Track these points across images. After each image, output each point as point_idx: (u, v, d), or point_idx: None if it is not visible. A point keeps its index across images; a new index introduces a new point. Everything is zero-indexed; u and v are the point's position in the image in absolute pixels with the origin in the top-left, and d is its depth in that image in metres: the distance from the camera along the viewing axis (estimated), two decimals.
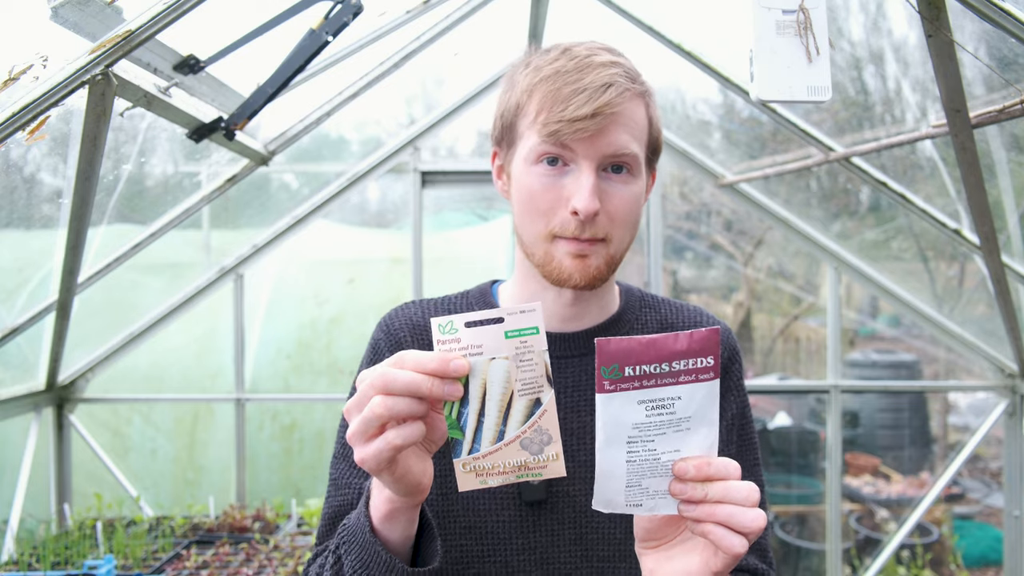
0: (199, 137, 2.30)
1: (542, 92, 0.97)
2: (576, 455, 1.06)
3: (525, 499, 1.05)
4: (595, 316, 1.11)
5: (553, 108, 0.95)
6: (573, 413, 1.07)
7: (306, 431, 4.05)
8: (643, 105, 1.01)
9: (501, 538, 1.05)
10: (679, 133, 3.60)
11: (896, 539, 3.63)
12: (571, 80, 0.96)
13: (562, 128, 0.95)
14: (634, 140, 0.99)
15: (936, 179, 3.08)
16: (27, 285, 2.88)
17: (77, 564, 2.55)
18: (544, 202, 0.99)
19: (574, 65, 0.97)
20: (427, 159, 3.54)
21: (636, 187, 1.01)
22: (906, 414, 5.14)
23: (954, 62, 1.68)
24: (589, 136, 0.95)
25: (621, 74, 0.97)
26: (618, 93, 0.95)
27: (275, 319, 4.23)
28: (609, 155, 0.97)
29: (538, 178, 0.99)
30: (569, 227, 0.98)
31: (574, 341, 1.09)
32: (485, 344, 0.76)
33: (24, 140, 1.72)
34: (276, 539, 2.82)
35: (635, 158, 0.99)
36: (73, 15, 1.61)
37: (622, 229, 1.01)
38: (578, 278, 1.00)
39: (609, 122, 0.95)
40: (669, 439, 0.80)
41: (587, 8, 2.86)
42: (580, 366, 1.08)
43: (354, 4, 2.07)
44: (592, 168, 0.97)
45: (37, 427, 3.25)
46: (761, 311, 7.09)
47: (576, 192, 0.97)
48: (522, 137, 1.02)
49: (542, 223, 1.00)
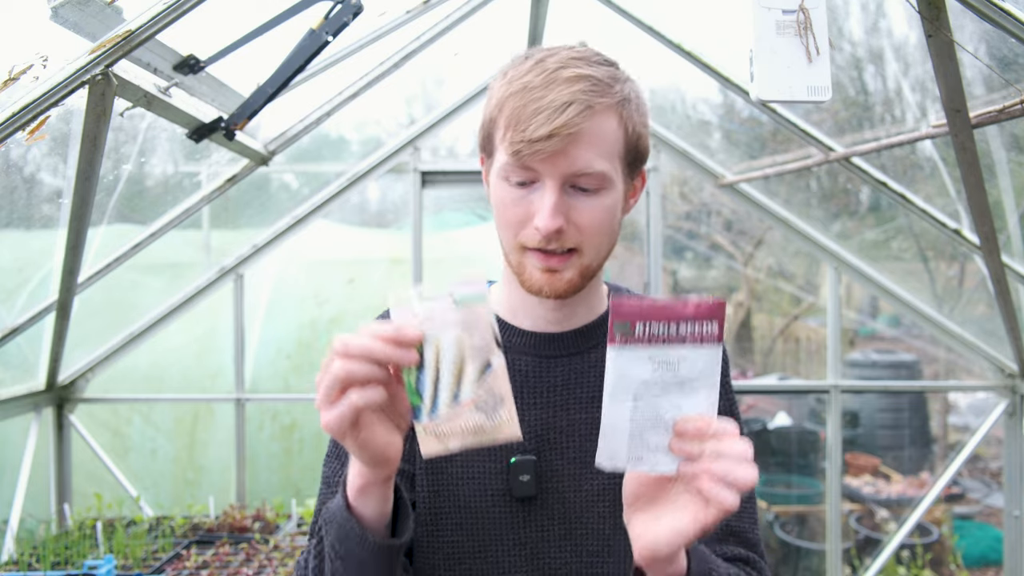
0: (199, 137, 2.30)
1: (509, 108, 0.98)
2: (565, 452, 1.07)
3: (515, 495, 1.06)
4: (582, 317, 1.12)
5: (517, 127, 0.96)
6: (562, 411, 1.08)
7: (306, 431, 4.05)
8: (615, 116, 1.00)
9: (492, 535, 1.06)
10: (679, 133, 3.60)
11: (896, 539, 3.63)
12: (535, 97, 0.96)
13: (523, 149, 0.96)
14: (600, 156, 0.98)
15: (936, 179, 3.08)
16: (27, 285, 2.89)
17: (77, 564, 2.55)
18: (513, 216, 1.01)
19: (541, 80, 0.97)
20: (427, 159, 3.54)
21: (607, 199, 1.01)
22: (906, 414, 5.14)
23: (954, 62, 1.68)
24: (549, 156, 0.96)
25: (586, 89, 0.96)
26: (578, 112, 0.95)
27: (275, 319, 4.23)
28: (571, 174, 0.98)
29: (507, 192, 1.01)
30: (536, 240, 1.00)
31: (561, 341, 1.11)
32: (436, 315, 0.83)
33: (24, 140, 1.72)
34: (276, 539, 2.82)
35: (601, 175, 0.99)
36: (73, 15, 1.61)
37: (595, 239, 1.02)
38: (548, 291, 1.02)
39: (568, 142, 0.95)
40: (672, 397, 0.85)
41: (587, 8, 2.86)
42: (568, 365, 1.10)
43: (354, 4, 2.07)
44: (555, 186, 0.98)
45: (37, 427, 3.25)
46: (761, 311, 7.10)
47: (539, 211, 0.98)
48: (496, 150, 1.04)
49: (512, 234, 1.02)
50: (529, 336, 1.11)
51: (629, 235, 4.65)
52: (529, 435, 1.07)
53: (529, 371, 1.09)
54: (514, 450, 1.07)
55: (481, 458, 1.07)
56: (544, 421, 1.08)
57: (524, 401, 1.08)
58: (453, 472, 1.08)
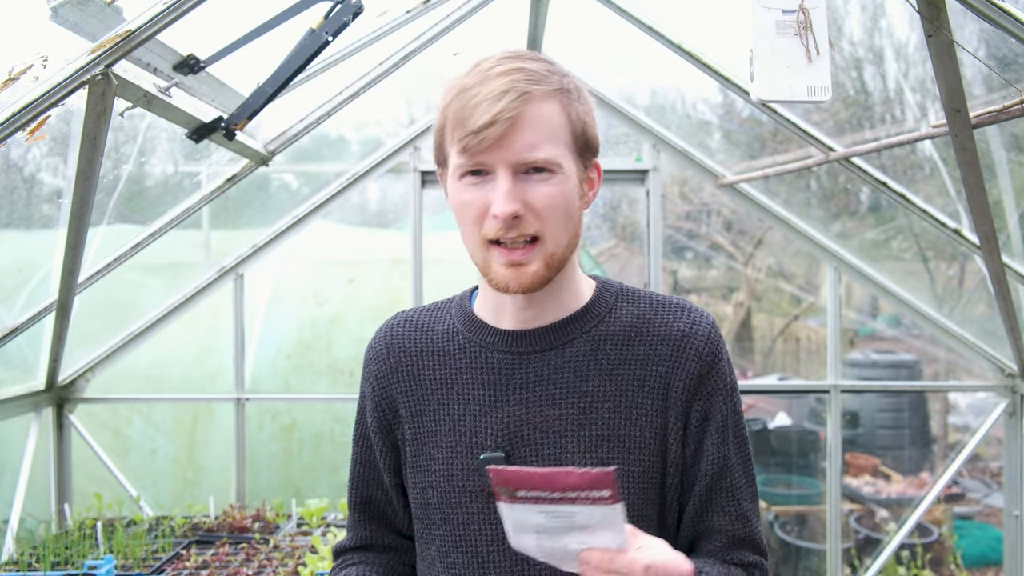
0: (199, 137, 2.30)
1: (452, 111, 1.02)
2: (540, 448, 1.08)
3: (488, 491, 1.07)
4: (555, 313, 1.12)
5: (461, 125, 1.00)
6: (535, 407, 1.08)
7: (306, 431, 4.05)
8: (555, 103, 1.03)
9: (471, 529, 1.09)
10: (679, 133, 3.60)
11: (896, 539, 3.63)
12: (473, 94, 1.00)
13: (468, 141, 0.99)
14: (546, 141, 1.02)
15: (936, 179, 3.08)
16: (27, 285, 2.89)
17: (77, 564, 2.55)
18: (473, 212, 1.04)
19: (476, 80, 1.01)
20: (427, 159, 3.53)
21: (561, 184, 1.03)
22: (906, 414, 5.13)
23: (954, 62, 1.68)
24: (494, 143, 0.99)
25: (521, 79, 1.00)
26: (515, 97, 0.99)
27: (275, 319, 4.23)
28: (519, 161, 1.01)
29: (464, 191, 1.04)
30: (497, 231, 1.02)
31: (533, 337, 1.11)
32: None
33: (24, 140, 1.72)
34: (276, 539, 2.82)
35: (549, 160, 1.02)
36: (73, 15, 1.61)
37: (553, 225, 1.03)
38: (515, 286, 1.04)
39: (509, 127, 0.99)
40: (576, 535, 0.88)
41: (587, 8, 2.86)
42: (542, 361, 1.10)
43: (354, 4, 2.07)
44: (507, 174, 1.00)
45: (37, 427, 3.25)
46: (761, 311, 7.09)
47: (494, 199, 1.01)
48: (449, 156, 1.07)
49: (475, 231, 1.05)
50: (503, 334, 1.12)
51: (629, 235, 4.65)
52: (501, 432, 1.08)
53: (501, 368, 1.10)
54: (487, 446, 1.08)
55: (458, 456, 1.10)
56: (516, 418, 1.08)
57: (496, 398, 1.09)
58: (435, 470, 1.12)
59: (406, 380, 1.16)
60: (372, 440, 1.20)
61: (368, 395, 1.20)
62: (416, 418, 1.14)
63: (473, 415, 1.10)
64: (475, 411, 1.10)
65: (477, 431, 1.09)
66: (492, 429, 1.09)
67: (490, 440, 1.08)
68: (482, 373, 1.11)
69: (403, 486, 1.19)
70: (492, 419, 1.09)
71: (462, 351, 1.13)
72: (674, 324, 1.11)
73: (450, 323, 1.17)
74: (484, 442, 1.09)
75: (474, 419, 1.10)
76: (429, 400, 1.14)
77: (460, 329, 1.15)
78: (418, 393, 1.15)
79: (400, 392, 1.16)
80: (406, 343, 1.18)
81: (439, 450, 1.12)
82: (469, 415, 1.10)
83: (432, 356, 1.15)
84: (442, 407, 1.13)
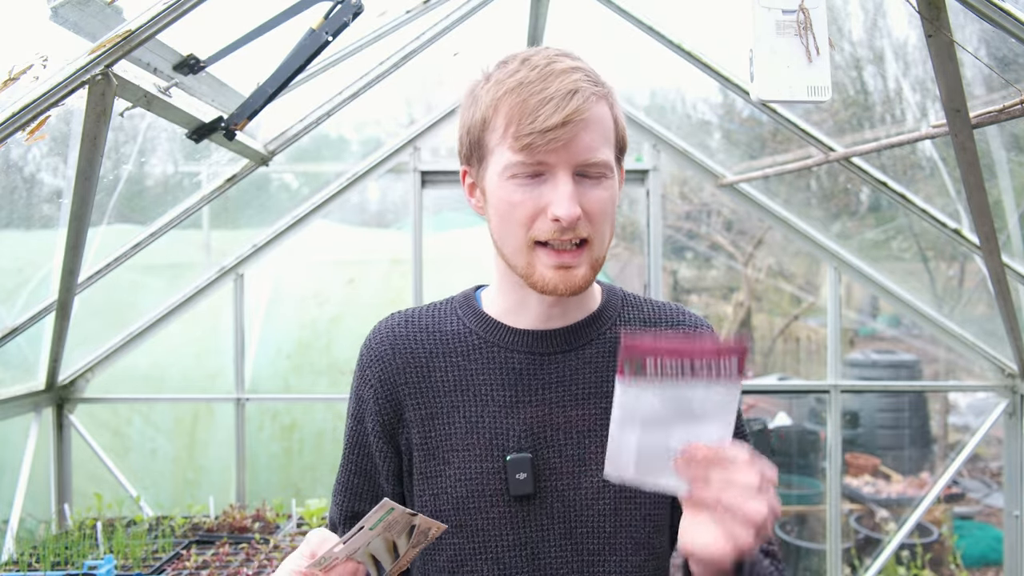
0: (199, 137, 2.30)
1: (508, 105, 0.98)
2: (563, 449, 1.07)
3: (513, 494, 1.05)
4: (576, 313, 1.12)
5: (522, 120, 0.97)
6: (558, 408, 1.08)
7: (306, 431, 4.05)
8: (607, 106, 1.03)
9: (491, 535, 1.06)
10: (679, 133, 3.60)
11: (896, 539, 3.63)
12: (536, 90, 0.97)
13: (535, 140, 0.96)
14: (605, 143, 1.01)
15: (936, 179, 3.08)
16: (27, 285, 2.88)
17: (77, 564, 2.55)
18: (524, 212, 1.00)
19: (536, 75, 0.98)
20: (427, 159, 3.53)
21: (611, 188, 1.03)
22: (906, 414, 5.14)
23: (954, 62, 1.68)
24: (562, 144, 0.97)
25: (583, 79, 0.99)
26: (584, 99, 0.97)
27: (275, 319, 4.23)
28: (581, 162, 0.99)
29: (515, 189, 1.01)
30: (552, 232, 0.99)
31: (555, 338, 1.10)
32: (360, 543, 0.92)
33: (24, 140, 1.72)
34: (276, 539, 2.82)
35: (604, 163, 1.01)
36: (73, 15, 1.61)
37: (602, 228, 1.03)
38: (563, 288, 1.02)
39: (580, 128, 0.97)
40: (682, 428, 0.85)
41: (587, 8, 2.86)
42: (563, 362, 1.09)
43: (354, 4, 2.07)
44: (568, 175, 0.99)
45: (37, 427, 3.25)
46: (761, 311, 7.09)
47: (555, 200, 0.98)
48: (492, 152, 1.03)
49: (523, 232, 1.01)
50: (523, 334, 1.10)
51: (629, 235, 4.65)
52: (524, 433, 1.07)
53: (523, 368, 1.09)
54: (510, 448, 1.06)
55: (477, 459, 1.07)
56: (540, 418, 1.07)
57: (518, 398, 1.08)
58: (450, 474, 1.08)
59: (415, 382, 1.11)
60: (372, 447, 1.14)
61: (369, 399, 1.13)
62: (426, 421, 1.10)
63: (493, 416, 1.08)
64: (495, 412, 1.08)
65: (498, 432, 1.07)
66: (514, 430, 1.06)
67: (512, 441, 1.06)
68: (502, 373, 1.09)
69: (403, 496, 1.14)
70: (514, 420, 1.07)
71: (478, 351, 1.11)
72: (678, 327, 1.16)
73: (459, 323, 1.14)
74: (506, 443, 1.06)
75: (494, 420, 1.07)
76: (441, 402, 1.10)
77: (473, 329, 1.12)
78: (428, 395, 1.11)
79: (408, 395, 1.11)
80: (412, 344, 1.13)
81: (454, 454, 1.08)
82: (488, 416, 1.08)
83: (444, 357, 1.11)
84: (456, 409, 1.09)
